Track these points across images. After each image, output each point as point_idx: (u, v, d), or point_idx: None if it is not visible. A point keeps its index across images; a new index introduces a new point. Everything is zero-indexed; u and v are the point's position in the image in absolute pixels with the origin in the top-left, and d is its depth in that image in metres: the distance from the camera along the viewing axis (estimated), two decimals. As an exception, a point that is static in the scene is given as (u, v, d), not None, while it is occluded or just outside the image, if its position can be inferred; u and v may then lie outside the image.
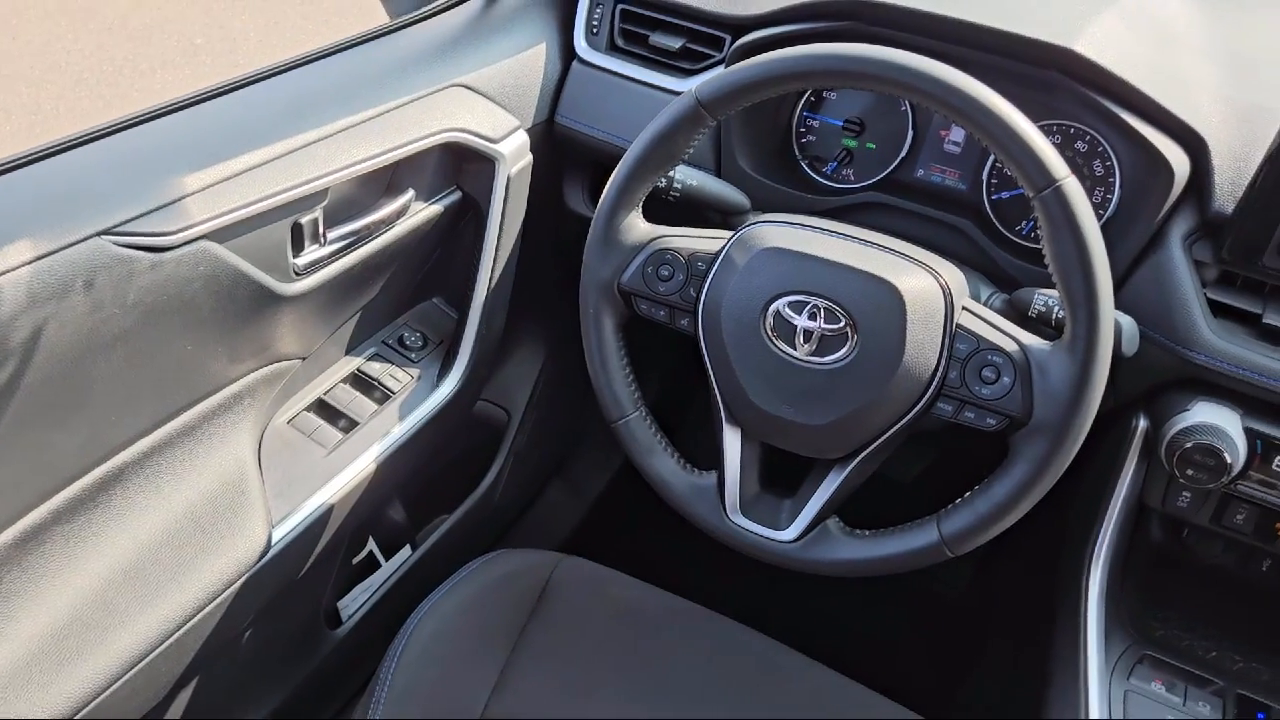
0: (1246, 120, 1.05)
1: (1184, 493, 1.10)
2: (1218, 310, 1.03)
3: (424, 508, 1.53)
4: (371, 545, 1.42)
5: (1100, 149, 1.12)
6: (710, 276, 0.99)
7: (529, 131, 1.27)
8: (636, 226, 1.01)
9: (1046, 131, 1.13)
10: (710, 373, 1.00)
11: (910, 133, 1.21)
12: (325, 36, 1.16)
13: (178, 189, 0.90)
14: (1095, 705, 1.03)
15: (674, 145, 0.97)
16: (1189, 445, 1.00)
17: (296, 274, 1.05)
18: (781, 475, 1.06)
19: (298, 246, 1.04)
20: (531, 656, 1.11)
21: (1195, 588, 1.22)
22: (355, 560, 1.40)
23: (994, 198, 1.19)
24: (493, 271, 1.28)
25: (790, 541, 1.00)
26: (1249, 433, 1.01)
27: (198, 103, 0.98)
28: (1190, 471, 1.01)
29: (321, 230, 1.06)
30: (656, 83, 1.26)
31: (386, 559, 1.45)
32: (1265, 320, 1.01)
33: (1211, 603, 1.20)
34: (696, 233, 1.02)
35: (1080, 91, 1.05)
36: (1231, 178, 1.03)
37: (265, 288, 1.00)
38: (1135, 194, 1.09)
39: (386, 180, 1.17)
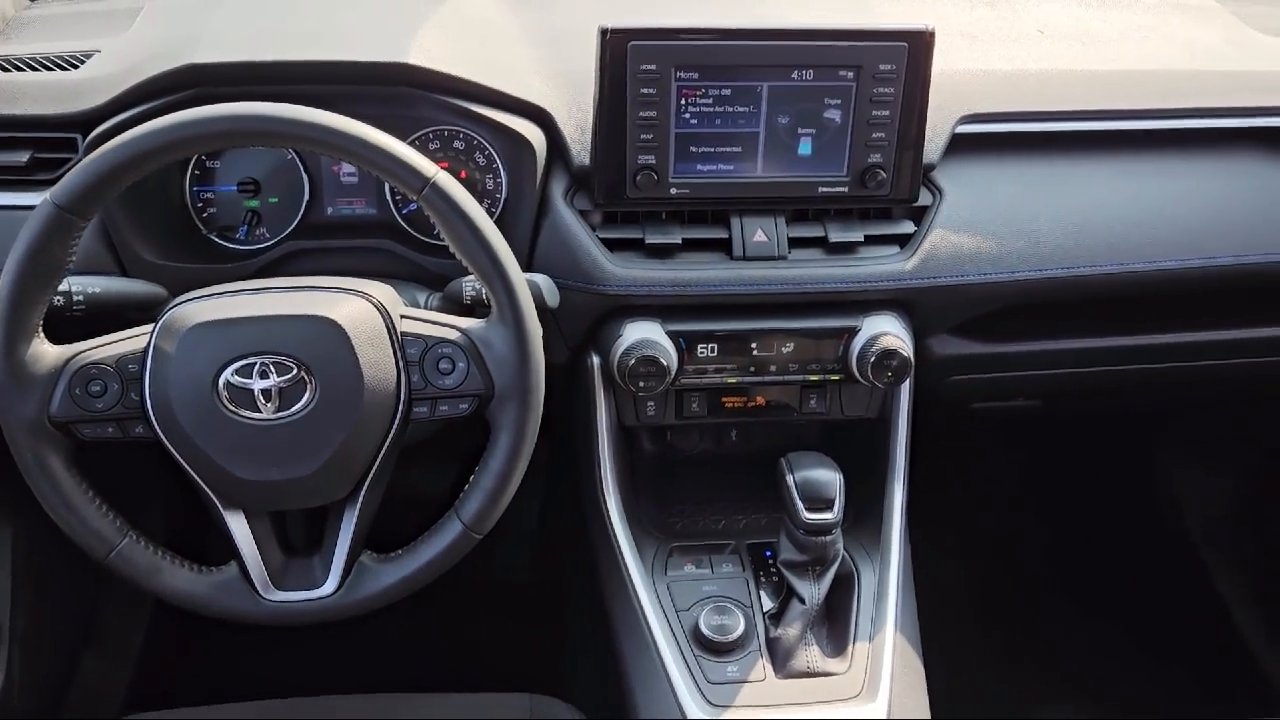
0: (574, 86, 1.22)
1: (648, 403, 1.26)
2: (612, 246, 1.19)
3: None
4: None
5: (475, 142, 1.24)
6: (147, 375, 0.94)
7: None
8: (45, 354, 0.94)
9: (424, 140, 1.22)
10: (187, 468, 0.96)
11: (305, 177, 1.24)
12: None
13: None
14: (648, 606, 1.17)
15: (50, 260, 0.91)
16: (632, 362, 1.16)
17: None
18: (301, 535, 1.05)
19: None
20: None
21: (694, 477, 1.41)
22: None
23: (404, 212, 1.26)
24: None
25: (333, 593, 1.00)
26: (672, 335, 1.20)
27: None
28: (641, 383, 1.17)
29: None
30: (12, 203, 1.15)
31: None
32: (648, 241, 1.19)
33: (708, 483, 1.39)
34: (116, 336, 0.97)
35: (431, 98, 1.16)
36: (579, 136, 1.19)
37: None
38: (516, 172, 1.22)
39: None
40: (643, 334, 1.18)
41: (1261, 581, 1.86)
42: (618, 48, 1.11)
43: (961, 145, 1.26)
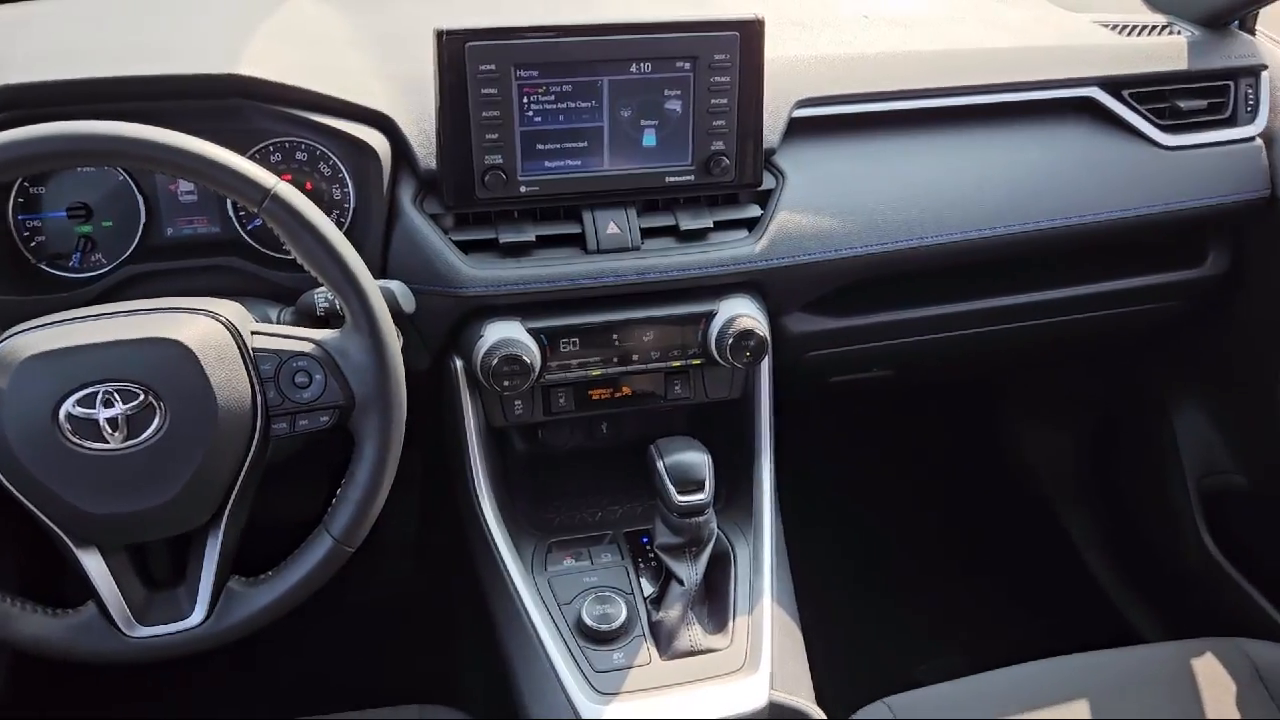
0: (414, 89, 1.21)
1: (515, 402, 1.27)
2: (466, 247, 1.19)
3: None
4: None
5: (318, 152, 1.21)
6: None
7: None
8: None
9: (264, 153, 1.19)
10: (32, 509, 0.92)
11: (140, 198, 1.19)
12: None
13: None
14: (529, 603, 1.17)
15: None
16: (495, 362, 1.16)
17: None
18: (165, 566, 1.02)
19: None
20: None
21: (568, 472, 1.42)
22: None
23: (249, 228, 1.23)
24: None
25: (202, 623, 0.98)
26: (533, 332, 1.20)
27: None
28: (506, 382, 1.17)
29: None
30: None
31: None
32: (501, 240, 1.19)
33: (582, 477, 1.41)
34: None
35: (268, 109, 1.13)
36: (424, 140, 1.18)
37: None
38: (362, 180, 1.20)
39: None
40: (504, 333, 1.18)
41: (1108, 526, 1.99)
42: (455, 49, 1.10)
43: (800, 129, 1.31)
